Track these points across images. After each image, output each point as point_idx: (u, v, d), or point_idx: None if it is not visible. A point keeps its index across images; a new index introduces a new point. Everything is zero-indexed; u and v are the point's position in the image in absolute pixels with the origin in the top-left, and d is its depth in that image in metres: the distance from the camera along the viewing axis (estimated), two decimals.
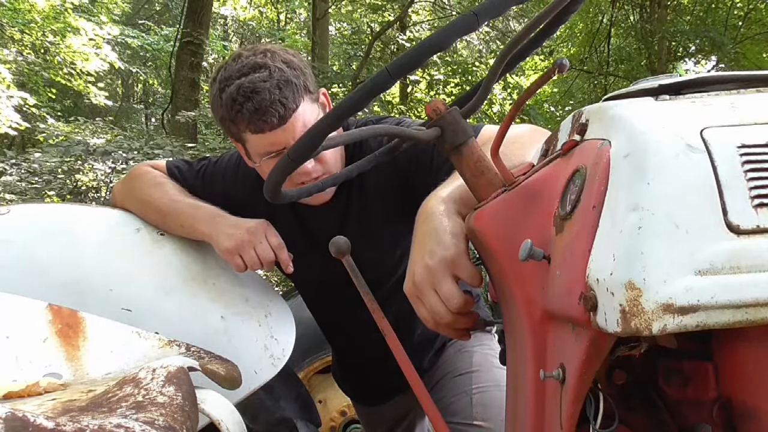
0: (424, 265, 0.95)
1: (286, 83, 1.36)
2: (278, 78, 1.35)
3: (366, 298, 1.06)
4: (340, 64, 11.10)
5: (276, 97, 1.34)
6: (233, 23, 14.88)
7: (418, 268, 0.96)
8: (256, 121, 1.35)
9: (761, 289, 0.56)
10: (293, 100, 1.36)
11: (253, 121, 1.35)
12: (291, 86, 1.36)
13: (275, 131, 1.36)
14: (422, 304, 0.97)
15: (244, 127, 1.37)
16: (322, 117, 0.96)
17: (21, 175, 6.31)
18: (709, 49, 11.48)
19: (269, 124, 1.34)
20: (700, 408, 0.74)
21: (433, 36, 0.88)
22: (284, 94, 1.34)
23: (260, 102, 1.33)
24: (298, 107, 1.37)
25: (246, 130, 1.38)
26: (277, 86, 1.34)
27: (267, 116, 1.34)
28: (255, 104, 1.33)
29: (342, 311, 1.62)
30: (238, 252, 1.43)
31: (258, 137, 1.38)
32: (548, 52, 11.15)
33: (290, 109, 1.35)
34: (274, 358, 1.50)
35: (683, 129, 0.61)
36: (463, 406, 1.52)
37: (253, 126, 1.36)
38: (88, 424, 0.66)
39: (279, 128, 1.35)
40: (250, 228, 1.45)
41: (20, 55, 9.42)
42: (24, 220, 1.47)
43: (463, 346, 1.67)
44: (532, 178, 0.83)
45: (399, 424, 1.86)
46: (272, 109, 1.33)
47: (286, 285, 4.72)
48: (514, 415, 0.90)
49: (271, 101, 1.33)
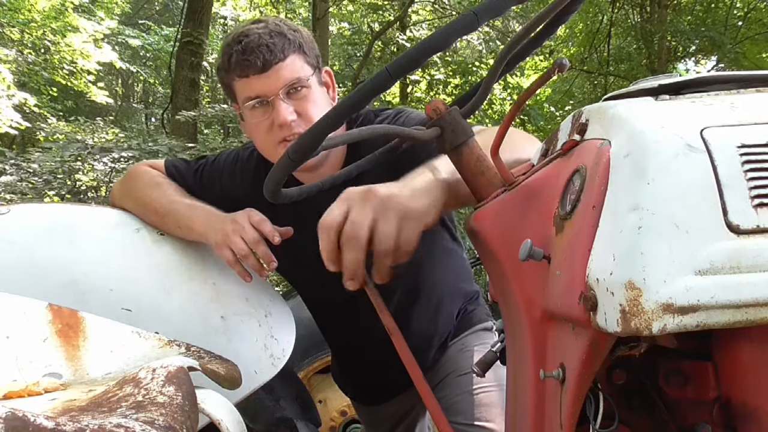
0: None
1: (279, 34, 1.39)
2: (272, 28, 1.40)
3: (370, 293, 1.06)
4: (340, 64, 11.10)
5: (264, 41, 1.37)
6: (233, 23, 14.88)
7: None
8: (242, 63, 1.38)
9: (761, 289, 0.56)
10: (281, 50, 1.38)
11: (239, 63, 1.38)
12: (283, 37, 1.39)
13: (259, 76, 1.38)
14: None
15: (231, 71, 1.41)
16: (322, 116, 0.96)
17: (21, 175, 6.31)
18: (709, 49, 11.48)
19: (253, 66, 1.37)
20: (700, 408, 0.74)
21: (433, 36, 0.88)
22: (274, 41, 1.38)
23: (248, 43, 1.37)
24: (285, 58, 1.39)
25: (233, 74, 1.41)
26: (269, 33, 1.38)
27: (252, 57, 1.37)
28: (243, 46, 1.37)
29: (341, 311, 1.62)
30: (225, 244, 1.42)
31: (243, 82, 1.41)
32: (548, 52, 11.15)
33: (276, 56, 1.37)
34: (274, 358, 1.50)
35: (683, 129, 0.61)
36: (466, 406, 1.52)
37: (238, 69, 1.39)
38: (88, 423, 0.66)
39: (263, 74, 1.38)
40: (233, 217, 1.45)
41: (20, 54, 9.42)
42: (24, 220, 1.47)
43: (465, 346, 1.66)
44: (532, 178, 0.83)
45: (400, 423, 1.86)
46: (258, 50, 1.36)
47: (286, 285, 4.71)
48: (514, 415, 0.90)
49: (258, 44, 1.37)
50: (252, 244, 1.40)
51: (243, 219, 1.43)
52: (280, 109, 1.39)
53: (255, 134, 1.49)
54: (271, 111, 1.41)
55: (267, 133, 1.44)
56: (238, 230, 1.41)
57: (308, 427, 1.72)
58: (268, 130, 1.43)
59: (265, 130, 1.44)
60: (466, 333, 1.68)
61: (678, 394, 0.77)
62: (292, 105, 1.40)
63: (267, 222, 1.44)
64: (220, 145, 7.26)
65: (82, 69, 10.16)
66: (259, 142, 1.49)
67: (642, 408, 0.81)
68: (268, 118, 1.42)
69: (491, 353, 1.08)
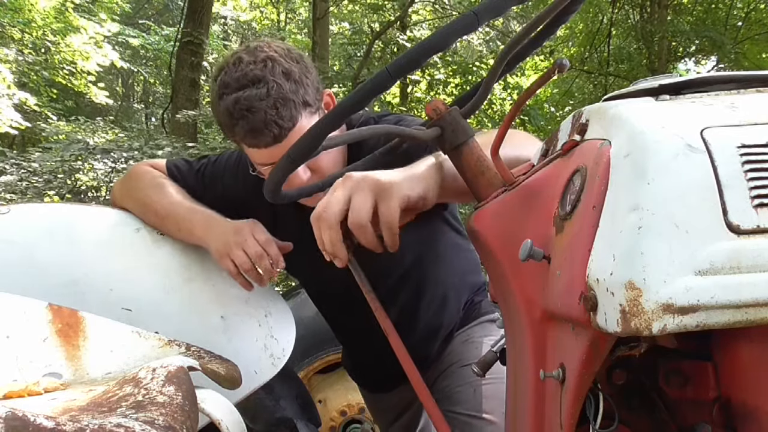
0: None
1: (284, 102, 1.33)
2: (275, 96, 1.33)
3: (368, 297, 1.06)
4: (340, 64, 11.10)
5: (272, 117, 1.32)
6: (233, 23, 14.88)
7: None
8: (251, 139, 1.35)
9: (761, 289, 0.56)
10: (290, 119, 1.34)
11: (248, 139, 1.35)
12: (288, 104, 1.34)
13: (271, 147, 1.36)
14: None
15: (240, 140, 1.38)
16: (322, 116, 0.96)
17: (21, 174, 6.31)
18: (709, 49, 11.48)
19: (264, 142, 1.35)
20: (700, 408, 0.74)
21: (433, 36, 0.88)
22: (280, 113, 1.33)
23: (255, 122, 1.32)
24: (294, 125, 1.35)
25: (242, 143, 1.39)
26: (273, 105, 1.32)
27: (262, 136, 1.33)
28: (250, 123, 1.32)
29: (347, 308, 1.63)
30: (227, 253, 1.42)
31: (254, 151, 1.38)
32: (548, 52, 11.14)
33: (286, 128, 1.34)
34: (274, 358, 1.50)
35: (683, 129, 0.61)
36: (466, 397, 1.52)
37: (248, 141, 1.37)
38: (88, 423, 0.66)
39: (275, 145, 1.35)
40: (236, 228, 1.44)
41: (20, 54, 9.42)
42: (24, 219, 1.47)
43: (469, 337, 1.67)
44: (532, 178, 0.83)
45: (406, 410, 1.87)
46: (267, 129, 1.32)
47: (287, 285, 4.72)
48: (515, 415, 0.90)
49: (266, 122, 1.32)
50: (255, 258, 1.41)
51: (247, 233, 1.42)
52: (297, 173, 1.37)
53: None
54: None
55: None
56: (241, 243, 1.41)
57: (308, 427, 1.72)
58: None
59: None
60: (471, 324, 1.70)
61: (678, 394, 0.77)
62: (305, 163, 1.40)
63: (273, 244, 1.44)
64: (220, 145, 7.25)
65: (82, 69, 10.16)
66: None
67: (642, 408, 0.81)
68: None
69: (491, 353, 1.09)
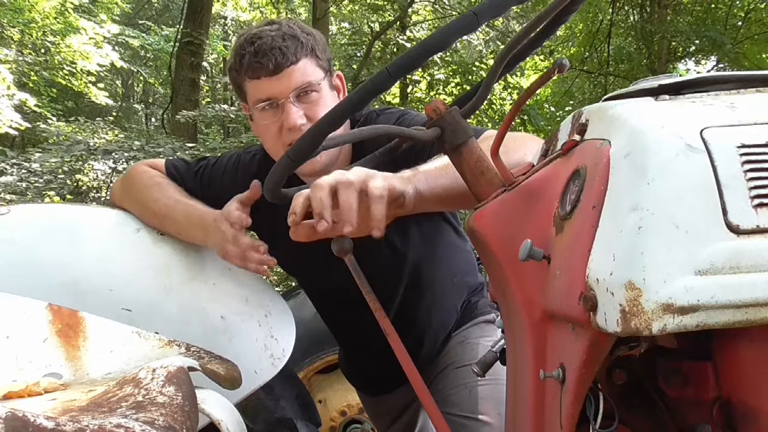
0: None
1: (292, 37, 1.40)
2: (286, 31, 1.40)
3: (368, 297, 1.06)
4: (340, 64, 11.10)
5: (277, 44, 1.37)
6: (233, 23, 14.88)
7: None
8: (254, 64, 1.39)
9: (761, 289, 0.56)
10: (293, 53, 1.38)
11: (251, 65, 1.39)
12: (296, 40, 1.40)
13: (270, 79, 1.39)
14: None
15: (243, 72, 1.42)
16: (322, 117, 0.96)
17: (21, 175, 6.31)
18: (709, 50, 11.47)
19: (265, 68, 1.38)
20: (700, 408, 0.74)
21: (433, 36, 0.88)
22: (286, 43, 1.38)
23: (261, 46, 1.37)
24: (297, 61, 1.39)
25: (244, 75, 1.42)
26: (281, 36, 1.39)
27: (264, 59, 1.37)
28: (256, 47, 1.38)
29: (346, 309, 1.63)
30: (224, 253, 1.43)
31: (254, 84, 1.41)
32: (548, 52, 11.13)
33: (288, 59, 1.38)
34: (274, 358, 1.50)
35: (683, 129, 0.61)
36: (461, 399, 1.52)
37: (250, 71, 1.40)
38: (88, 424, 0.66)
39: (274, 76, 1.39)
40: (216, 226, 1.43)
41: (20, 54, 9.42)
42: (24, 220, 1.47)
43: (466, 338, 1.67)
44: (532, 178, 0.83)
45: (404, 413, 1.87)
46: (270, 53, 1.37)
47: (287, 285, 4.72)
48: (514, 415, 0.90)
49: (271, 46, 1.37)
50: (239, 260, 1.41)
51: (226, 227, 1.40)
52: (290, 113, 1.39)
53: (264, 136, 1.49)
54: (281, 114, 1.41)
55: (276, 135, 1.44)
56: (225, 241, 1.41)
57: (308, 427, 1.72)
58: (277, 132, 1.44)
59: (274, 133, 1.44)
60: (468, 325, 1.70)
61: (678, 394, 0.77)
62: (302, 109, 1.41)
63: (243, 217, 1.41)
64: (220, 146, 7.25)
65: (82, 70, 10.16)
66: (268, 144, 1.50)
67: (642, 408, 0.81)
68: (277, 120, 1.42)
69: (491, 353, 1.09)
